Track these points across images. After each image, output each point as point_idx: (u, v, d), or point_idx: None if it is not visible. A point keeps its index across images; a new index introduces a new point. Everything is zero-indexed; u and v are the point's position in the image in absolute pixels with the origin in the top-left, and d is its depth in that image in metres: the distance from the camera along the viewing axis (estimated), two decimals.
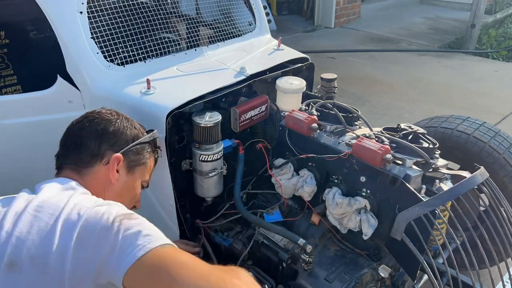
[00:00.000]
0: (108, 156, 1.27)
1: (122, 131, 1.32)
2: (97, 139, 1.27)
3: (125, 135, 1.32)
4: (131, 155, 1.33)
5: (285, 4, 8.19)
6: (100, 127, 1.29)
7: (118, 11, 1.76)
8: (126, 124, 1.34)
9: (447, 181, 1.56)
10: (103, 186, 1.26)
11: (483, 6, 6.38)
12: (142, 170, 1.38)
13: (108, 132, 1.29)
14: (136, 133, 1.36)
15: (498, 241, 1.49)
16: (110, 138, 1.29)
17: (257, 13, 2.35)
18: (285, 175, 1.73)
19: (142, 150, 1.37)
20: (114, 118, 1.33)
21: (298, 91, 1.87)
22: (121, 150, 1.30)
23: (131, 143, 1.33)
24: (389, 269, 1.56)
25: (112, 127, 1.30)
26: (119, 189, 1.30)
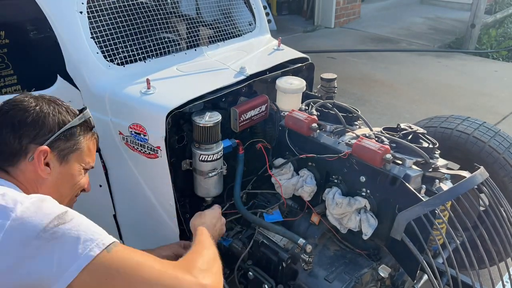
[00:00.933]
0: (32, 151, 1.12)
1: (43, 119, 1.14)
2: (15, 133, 1.11)
3: (47, 123, 1.15)
4: (60, 144, 1.17)
5: (285, 4, 8.19)
6: (17, 119, 1.12)
7: (118, 11, 1.76)
8: (48, 110, 1.16)
9: (447, 181, 1.56)
10: (34, 182, 1.14)
11: (483, 6, 6.38)
12: (78, 156, 1.23)
13: (27, 124, 1.12)
14: (61, 118, 1.18)
15: (498, 241, 1.49)
16: (29, 130, 1.12)
17: (257, 13, 2.35)
18: (285, 175, 1.73)
19: (72, 136, 1.20)
20: (32, 106, 1.15)
21: (298, 91, 1.87)
22: (46, 141, 1.13)
23: (57, 130, 1.16)
24: (389, 269, 1.56)
25: (31, 116, 1.13)
26: (54, 181, 1.17)
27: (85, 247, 0.90)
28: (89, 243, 0.91)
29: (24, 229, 0.90)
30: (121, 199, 1.91)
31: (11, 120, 1.12)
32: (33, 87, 1.74)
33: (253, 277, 1.66)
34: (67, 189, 1.23)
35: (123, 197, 1.90)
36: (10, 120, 1.12)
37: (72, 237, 0.91)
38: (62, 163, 1.18)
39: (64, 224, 0.92)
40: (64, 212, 0.96)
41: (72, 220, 0.95)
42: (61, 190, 1.20)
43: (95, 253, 0.90)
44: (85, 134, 1.25)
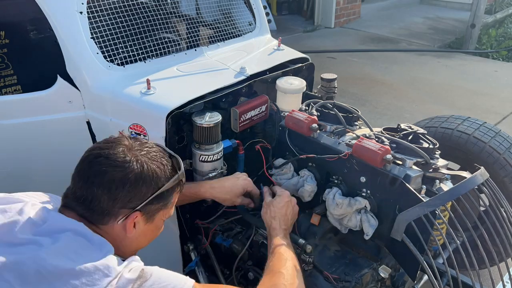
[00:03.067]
0: (123, 214, 1.09)
1: (141, 185, 1.08)
2: (111, 195, 1.06)
3: (144, 186, 1.09)
4: (151, 207, 1.13)
5: (285, 4, 8.19)
6: (115, 183, 1.06)
7: (118, 11, 1.76)
8: (147, 173, 1.09)
9: (447, 182, 1.56)
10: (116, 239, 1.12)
11: (483, 6, 6.38)
12: (163, 213, 1.20)
13: (124, 189, 1.06)
14: (157, 178, 1.11)
15: (498, 241, 1.49)
16: (126, 195, 1.07)
17: (257, 13, 2.35)
18: (285, 175, 1.73)
19: (163, 197, 1.15)
20: (134, 168, 1.07)
21: (298, 91, 1.87)
22: (139, 206, 1.09)
23: (151, 195, 1.10)
24: (389, 269, 1.55)
25: (129, 182, 1.06)
26: (136, 237, 1.15)
27: None
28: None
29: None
30: None
31: (108, 182, 1.05)
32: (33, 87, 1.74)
33: (253, 278, 1.65)
34: (144, 243, 1.22)
35: None
36: (107, 181, 1.05)
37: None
38: (147, 223, 1.16)
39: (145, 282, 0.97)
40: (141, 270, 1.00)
41: (152, 276, 0.99)
42: (141, 244, 1.20)
43: None
44: (175, 190, 1.20)
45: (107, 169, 1.06)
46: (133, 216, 1.09)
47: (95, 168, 1.07)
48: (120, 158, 1.07)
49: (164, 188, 1.13)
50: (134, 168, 1.07)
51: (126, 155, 1.08)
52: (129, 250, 1.17)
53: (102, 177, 1.06)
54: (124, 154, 1.08)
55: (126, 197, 1.07)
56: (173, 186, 1.17)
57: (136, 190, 1.07)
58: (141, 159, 1.09)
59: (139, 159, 1.09)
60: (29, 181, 1.81)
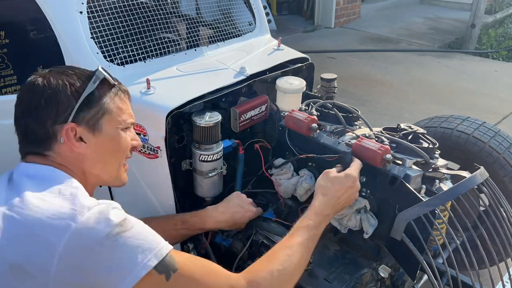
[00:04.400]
0: (60, 131, 1.08)
1: (56, 97, 1.07)
2: (37, 119, 1.07)
3: (62, 99, 1.07)
4: (84, 115, 1.10)
5: (285, 4, 8.19)
6: (33, 105, 1.07)
7: (118, 11, 1.77)
8: (57, 84, 1.08)
9: (447, 181, 1.56)
10: (75, 161, 1.11)
11: (483, 6, 6.38)
12: (109, 119, 1.15)
13: (42, 107, 1.07)
14: (74, 89, 1.09)
15: (498, 241, 1.49)
16: (47, 111, 1.07)
17: (257, 13, 2.35)
18: (285, 175, 1.73)
19: (93, 102, 1.11)
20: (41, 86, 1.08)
21: (298, 91, 1.87)
22: (69, 117, 1.08)
23: (75, 103, 1.08)
24: (389, 269, 1.55)
25: (43, 98, 1.07)
26: (95, 153, 1.13)
27: (144, 256, 0.93)
28: (147, 252, 0.94)
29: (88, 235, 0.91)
30: (121, 199, 1.91)
31: (27, 108, 1.09)
32: None
33: None
34: (111, 157, 1.18)
35: (123, 197, 1.90)
36: (27, 107, 1.09)
37: (132, 245, 0.93)
38: (95, 133, 1.12)
39: (124, 232, 0.94)
40: (123, 219, 0.97)
41: (132, 228, 0.96)
42: (106, 159, 1.16)
43: (153, 263, 0.93)
44: (107, 94, 1.15)
45: (23, 97, 1.11)
46: (67, 128, 1.08)
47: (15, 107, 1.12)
48: (27, 83, 1.11)
49: (86, 91, 1.10)
50: (40, 84, 1.08)
51: (33, 78, 1.10)
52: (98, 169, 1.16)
53: (20, 108, 1.10)
54: (32, 78, 1.11)
55: (50, 114, 1.07)
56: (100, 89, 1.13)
57: (54, 103, 1.07)
58: (47, 75, 1.10)
59: (46, 76, 1.10)
60: None
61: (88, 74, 1.14)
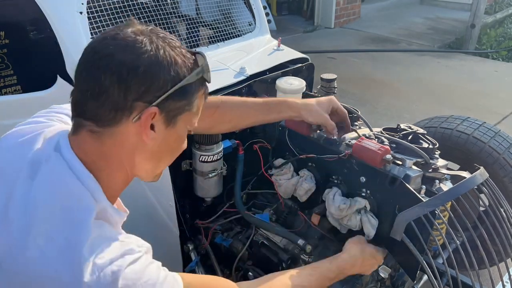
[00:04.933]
0: (139, 109, 0.88)
1: (157, 71, 0.88)
2: (121, 84, 0.85)
3: (161, 77, 0.88)
4: (170, 104, 0.92)
5: (285, 4, 8.19)
6: (126, 67, 0.85)
7: (118, 11, 1.77)
8: (164, 57, 0.89)
9: (447, 182, 1.56)
10: (132, 150, 0.93)
11: (483, 6, 6.38)
12: (187, 117, 0.98)
13: (138, 74, 0.86)
14: (177, 71, 0.91)
15: (498, 241, 1.49)
16: (140, 82, 0.86)
17: (257, 13, 2.35)
18: (285, 175, 1.73)
19: (186, 94, 0.94)
20: (147, 49, 0.87)
21: (298, 91, 1.87)
22: (157, 100, 0.89)
23: (170, 88, 0.90)
24: (389, 269, 1.55)
25: (143, 66, 0.86)
26: (156, 147, 0.96)
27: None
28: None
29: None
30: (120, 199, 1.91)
31: (118, 66, 0.85)
32: (33, 87, 1.74)
33: (253, 278, 1.66)
34: (168, 155, 1.04)
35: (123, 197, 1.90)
36: (117, 65, 0.85)
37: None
38: (168, 126, 0.95)
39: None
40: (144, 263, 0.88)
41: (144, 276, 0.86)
42: (162, 157, 1.01)
43: None
44: (200, 90, 0.99)
45: (115, 51, 0.86)
46: (150, 112, 0.88)
47: (100, 53, 0.87)
48: (130, 38, 0.88)
49: (186, 80, 0.92)
50: (147, 49, 0.87)
51: (138, 35, 0.88)
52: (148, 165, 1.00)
53: (109, 60, 0.85)
54: (135, 34, 0.89)
55: (141, 86, 0.87)
56: (196, 83, 0.96)
57: (152, 78, 0.88)
58: (157, 41, 0.89)
59: (154, 41, 0.89)
60: None
61: (192, 59, 0.97)
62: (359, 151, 1.51)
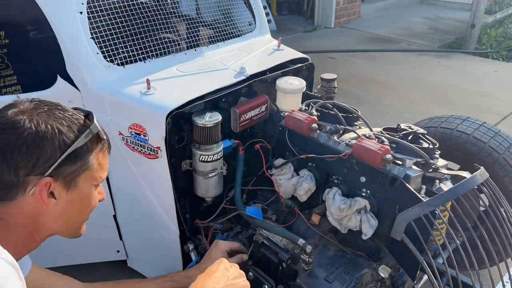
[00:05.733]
0: (33, 183, 0.92)
1: (41, 145, 0.91)
2: (9, 164, 0.89)
3: (47, 149, 0.92)
4: (64, 169, 0.95)
5: (285, 4, 8.18)
6: (10, 148, 0.89)
7: (118, 11, 1.77)
8: (45, 131, 0.92)
9: (447, 181, 1.56)
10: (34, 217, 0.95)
11: (483, 6, 6.38)
12: (88, 175, 1.01)
13: (21, 153, 0.89)
14: (63, 139, 0.94)
15: (498, 241, 1.49)
16: (26, 160, 0.90)
17: (257, 13, 2.35)
18: (285, 175, 1.73)
19: (78, 157, 0.97)
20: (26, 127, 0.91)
21: (298, 91, 1.87)
22: (48, 170, 0.92)
23: (59, 156, 0.93)
24: (389, 269, 1.55)
25: (25, 144, 0.90)
26: (61, 210, 0.98)
27: None
28: None
29: None
30: (121, 199, 1.91)
31: (2, 148, 0.89)
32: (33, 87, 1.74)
33: (253, 278, 1.65)
34: (78, 215, 1.05)
35: (123, 197, 1.90)
36: (1, 147, 0.89)
37: None
38: (69, 190, 0.98)
39: None
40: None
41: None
42: (72, 216, 1.02)
43: None
44: (94, 149, 1.02)
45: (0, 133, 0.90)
46: (43, 183, 0.92)
47: None
48: (9, 120, 0.91)
49: (75, 145, 0.95)
50: (27, 127, 0.90)
51: (17, 115, 0.92)
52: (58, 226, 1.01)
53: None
54: (14, 114, 0.92)
55: (28, 162, 0.90)
56: (88, 143, 0.99)
57: (37, 152, 0.91)
58: (36, 117, 0.93)
59: (34, 117, 0.93)
60: None
61: (79, 123, 0.99)
62: (359, 151, 1.51)
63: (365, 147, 1.49)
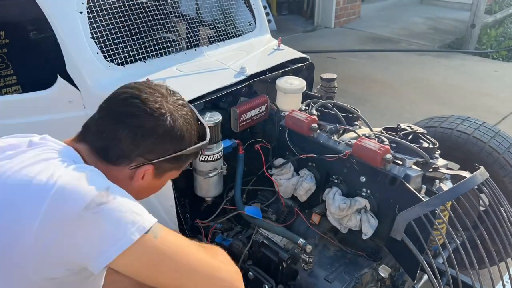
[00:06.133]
0: (138, 162, 1.05)
1: (167, 138, 1.06)
2: (134, 140, 1.02)
3: (169, 144, 1.07)
4: (165, 164, 1.10)
5: (285, 4, 8.19)
6: (142, 131, 1.03)
7: (118, 11, 1.76)
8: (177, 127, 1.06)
9: (447, 181, 1.56)
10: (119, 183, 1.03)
11: (483, 6, 6.38)
12: (174, 173, 1.17)
13: (149, 140, 1.04)
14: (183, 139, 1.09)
15: (498, 241, 1.49)
16: (148, 145, 1.04)
17: (257, 13, 2.35)
18: (285, 175, 1.73)
19: (180, 160, 1.12)
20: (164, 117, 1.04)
21: (298, 91, 1.87)
22: (156, 160, 1.06)
23: (172, 153, 1.08)
24: (389, 269, 1.56)
25: (156, 134, 1.04)
26: (139, 188, 1.10)
27: (126, 229, 0.89)
28: (130, 225, 0.90)
29: (66, 205, 0.88)
30: None
31: (137, 128, 1.02)
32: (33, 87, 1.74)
33: (253, 277, 1.66)
34: (145, 195, 1.17)
35: None
36: (137, 126, 1.02)
37: (114, 218, 0.89)
38: (155, 178, 1.11)
39: (107, 203, 0.90)
40: (106, 188, 0.92)
41: (115, 200, 0.91)
42: (141, 195, 1.12)
43: (135, 237, 0.89)
44: (192, 157, 1.18)
45: (141, 114, 1.03)
46: (146, 168, 1.05)
47: (129, 109, 1.03)
48: (156, 107, 1.04)
49: (185, 151, 1.10)
50: (166, 122, 1.04)
51: (163, 107, 1.05)
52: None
53: (132, 119, 1.02)
54: (161, 104, 1.05)
55: (148, 147, 1.04)
56: (195, 153, 1.15)
57: (160, 144, 1.05)
58: (175, 115, 1.06)
59: (174, 114, 1.06)
60: None
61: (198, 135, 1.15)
62: (359, 151, 1.51)
63: (365, 147, 1.49)
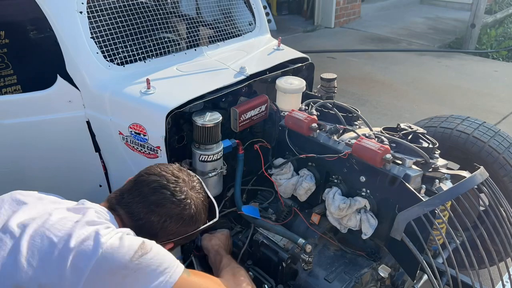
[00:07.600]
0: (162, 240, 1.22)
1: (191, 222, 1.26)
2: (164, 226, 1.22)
3: (189, 230, 1.27)
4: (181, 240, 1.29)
5: (285, 4, 8.19)
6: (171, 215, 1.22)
7: (118, 11, 1.77)
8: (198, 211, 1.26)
9: (446, 181, 1.56)
10: None
11: (483, 6, 6.38)
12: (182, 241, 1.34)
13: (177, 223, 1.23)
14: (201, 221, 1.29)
15: (497, 241, 1.49)
16: (175, 229, 1.23)
17: (257, 13, 2.35)
18: (285, 174, 1.73)
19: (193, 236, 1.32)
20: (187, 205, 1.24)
21: (298, 91, 1.87)
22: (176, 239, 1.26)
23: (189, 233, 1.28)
24: (389, 269, 1.56)
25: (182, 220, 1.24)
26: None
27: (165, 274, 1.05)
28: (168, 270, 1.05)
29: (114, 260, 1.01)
30: None
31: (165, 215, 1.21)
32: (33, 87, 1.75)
33: (253, 277, 1.66)
34: None
35: None
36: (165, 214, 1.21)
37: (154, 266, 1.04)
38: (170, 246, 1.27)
39: (146, 254, 1.04)
40: (142, 242, 1.07)
41: (152, 250, 1.06)
42: None
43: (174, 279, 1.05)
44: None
45: (167, 204, 1.21)
46: (168, 246, 1.23)
47: (158, 198, 1.21)
48: (182, 198, 1.23)
49: (199, 229, 1.30)
50: (190, 208, 1.24)
51: (188, 197, 1.24)
52: None
53: (161, 208, 1.21)
54: (186, 194, 1.24)
55: (172, 229, 1.23)
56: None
57: (183, 228, 1.24)
58: (195, 200, 1.26)
59: (196, 201, 1.26)
60: (29, 181, 1.81)
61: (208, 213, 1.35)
62: (359, 151, 1.51)
63: (365, 147, 1.49)
